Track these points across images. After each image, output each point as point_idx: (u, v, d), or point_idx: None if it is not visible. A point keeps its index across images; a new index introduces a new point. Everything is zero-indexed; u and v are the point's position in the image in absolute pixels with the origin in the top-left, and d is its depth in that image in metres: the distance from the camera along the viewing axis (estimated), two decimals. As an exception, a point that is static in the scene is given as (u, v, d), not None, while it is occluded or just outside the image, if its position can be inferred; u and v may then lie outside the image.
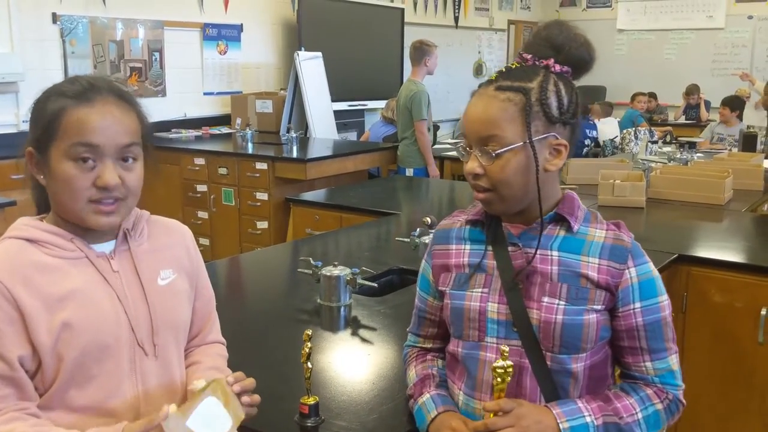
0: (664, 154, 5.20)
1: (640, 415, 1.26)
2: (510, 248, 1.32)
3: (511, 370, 1.18)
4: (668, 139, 6.84)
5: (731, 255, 2.73)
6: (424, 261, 1.46)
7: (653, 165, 4.32)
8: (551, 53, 1.30)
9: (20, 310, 1.12)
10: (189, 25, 6.20)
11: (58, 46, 5.33)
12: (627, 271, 1.28)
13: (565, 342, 1.26)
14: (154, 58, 5.94)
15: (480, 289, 1.32)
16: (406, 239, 2.48)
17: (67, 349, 1.14)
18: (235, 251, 4.80)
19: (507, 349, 1.20)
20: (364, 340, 1.82)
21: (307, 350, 1.35)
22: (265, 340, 1.82)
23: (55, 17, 5.27)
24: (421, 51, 5.21)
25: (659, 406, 1.29)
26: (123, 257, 1.25)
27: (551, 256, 1.29)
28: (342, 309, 2.02)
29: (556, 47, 1.30)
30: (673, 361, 1.31)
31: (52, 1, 5.26)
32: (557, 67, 1.29)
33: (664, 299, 1.31)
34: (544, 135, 1.26)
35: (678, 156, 4.92)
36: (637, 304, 1.28)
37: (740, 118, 6.82)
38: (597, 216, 1.36)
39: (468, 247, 1.37)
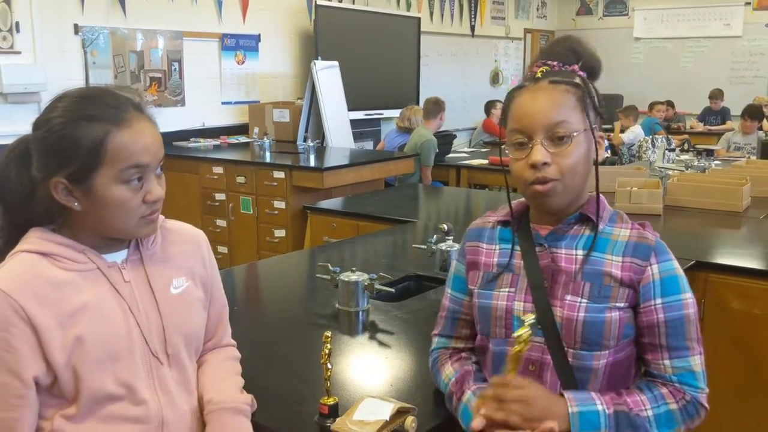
0: (682, 161, 5.18)
1: (650, 413, 1.25)
2: (537, 248, 1.36)
3: (527, 337, 1.22)
4: (685, 147, 6.82)
5: (749, 261, 2.71)
6: (455, 261, 1.49)
7: (670, 173, 4.30)
8: (574, 60, 1.37)
9: (35, 328, 1.12)
10: (208, 36, 6.27)
11: (80, 57, 5.41)
12: (649, 267, 1.30)
13: (586, 339, 1.28)
14: (173, 68, 6.01)
15: (507, 289, 1.36)
16: (423, 246, 2.50)
17: (81, 363, 1.15)
18: (253, 259, 4.83)
19: (533, 316, 1.26)
20: (381, 343, 1.84)
21: (327, 351, 1.37)
22: (285, 344, 1.84)
23: (77, 28, 5.35)
24: (438, 107, 6.08)
25: (673, 406, 1.27)
26: (135, 266, 1.25)
27: (576, 255, 1.33)
28: (360, 314, 2.03)
29: (578, 55, 1.38)
30: (696, 361, 1.29)
31: (74, 13, 5.34)
32: (581, 73, 1.36)
33: (688, 297, 1.31)
34: (595, 125, 1.33)
35: (695, 163, 4.90)
36: (659, 300, 1.29)
37: (760, 127, 6.78)
38: (623, 216, 1.39)
39: (498, 247, 1.42)
